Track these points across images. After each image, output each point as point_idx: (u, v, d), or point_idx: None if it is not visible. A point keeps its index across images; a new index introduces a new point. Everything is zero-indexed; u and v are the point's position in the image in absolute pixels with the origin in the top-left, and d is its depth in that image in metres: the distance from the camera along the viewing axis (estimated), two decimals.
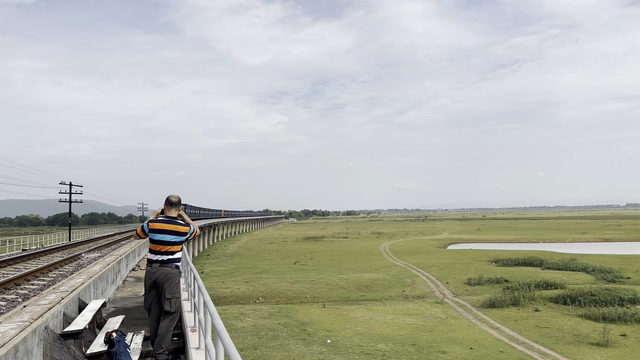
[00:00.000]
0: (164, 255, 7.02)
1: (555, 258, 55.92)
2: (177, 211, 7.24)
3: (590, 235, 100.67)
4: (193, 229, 7.25)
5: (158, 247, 7.02)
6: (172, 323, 6.98)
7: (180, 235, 7.07)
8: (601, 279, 42.29)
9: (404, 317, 29.18)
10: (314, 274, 47.83)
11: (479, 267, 51.03)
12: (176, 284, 7.05)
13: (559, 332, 24.59)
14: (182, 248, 7.30)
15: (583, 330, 24.59)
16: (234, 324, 27.17)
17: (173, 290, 6.97)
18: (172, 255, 7.08)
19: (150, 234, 7.06)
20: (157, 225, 7.07)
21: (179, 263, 7.24)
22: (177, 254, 7.15)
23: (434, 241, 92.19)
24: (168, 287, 6.91)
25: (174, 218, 7.16)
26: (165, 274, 6.93)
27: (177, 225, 7.09)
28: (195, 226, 7.31)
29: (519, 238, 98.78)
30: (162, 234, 6.99)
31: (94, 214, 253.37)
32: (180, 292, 7.16)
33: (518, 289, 35.43)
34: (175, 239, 7.02)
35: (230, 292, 38.54)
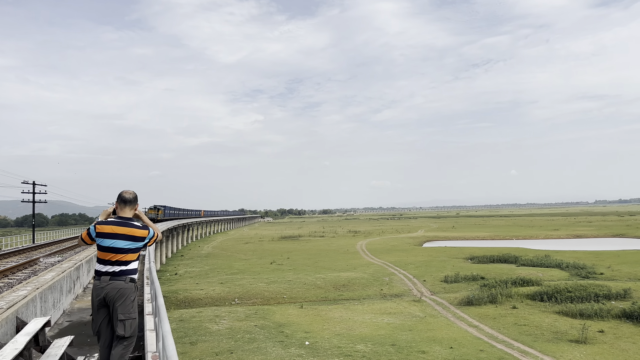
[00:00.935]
0: (115, 265, 5.66)
1: (529, 254, 56.54)
2: (133, 211, 5.93)
3: (562, 231, 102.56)
4: (153, 232, 5.93)
5: (108, 256, 5.65)
6: (126, 350, 5.68)
7: (135, 240, 5.74)
8: (575, 275, 42.80)
9: (382, 317, 28.81)
10: (290, 273, 47.19)
11: (455, 264, 51.18)
12: (131, 301, 5.69)
13: (538, 330, 24.55)
14: (138, 257, 5.95)
15: (561, 327, 24.60)
16: (209, 327, 26.35)
17: (127, 309, 5.62)
18: (126, 266, 5.72)
19: (98, 239, 5.67)
20: (106, 228, 5.69)
21: (135, 275, 5.89)
22: (132, 264, 5.81)
23: (409, 239, 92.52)
24: (121, 306, 5.58)
25: (129, 219, 5.84)
26: (117, 290, 5.59)
27: (132, 229, 5.76)
28: (156, 229, 6.02)
29: (492, 235, 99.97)
30: (113, 239, 5.64)
31: (64, 215, 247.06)
32: (136, 311, 5.82)
33: (495, 286, 35.50)
34: (129, 245, 5.69)
35: (205, 293, 37.61)
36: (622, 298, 30.36)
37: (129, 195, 5.95)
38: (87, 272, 17.87)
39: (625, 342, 22.01)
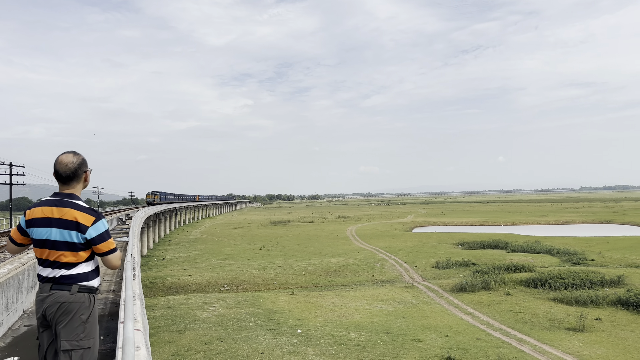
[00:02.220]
0: (55, 268, 3.84)
1: (519, 240, 56.45)
2: (81, 184, 4.00)
3: (550, 217, 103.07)
4: (102, 225, 3.92)
5: (44, 254, 3.84)
6: None
7: (71, 228, 3.77)
8: (566, 261, 42.66)
9: (375, 303, 28.27)
10: (280, 259, 46.53)
11: (445, 250, 50.88)
12: (82, 322, 3.80)
13: (534, 317, 24.14)
14: (91, 257, 4.04)
15: (557, 315, 24.22)
16: (198, 315, 25.60)
17: (75, 333, 3.76)
18: (68, 270, 3.84)
19: (30, 229, 3.88)
20: (36, 211, 3.86)
21: (93, 282, 4.00)
22: (81, 267, 3.91)
23: (399, 224, 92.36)
24: (65, 329, 3.75)
25: (70, 197, 3.90)
26: (58, 305, 3.77)
27: (71, 210, 3.79)
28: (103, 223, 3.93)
29: (481, 221, 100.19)
30: (47, 228, 3.80)
31: None
32: (92, 335, 3.86)
33: (488, 272, 35.12)
34: (66, 237, 3.78)
35: (193, 279, 36.81)
36: (616, 285, 30.11)
37: (67, 163, 3.88)
38: None
39: (623, 330, 21.66)
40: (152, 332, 21.95)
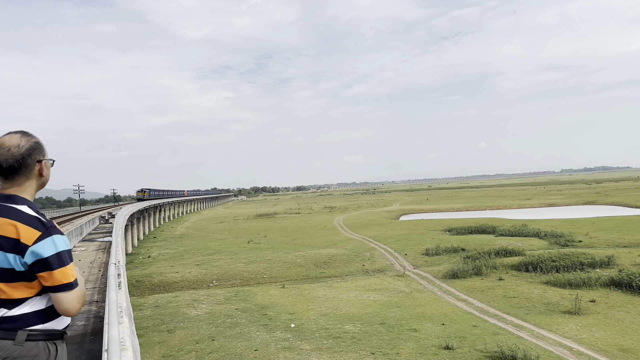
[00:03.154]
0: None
1: (506, 224, 56.59)
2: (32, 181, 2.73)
3: (534, 201, 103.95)
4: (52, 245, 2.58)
5: None
6: None
7: (12, 249, 2.49)
8: (554, 243, 42.79)
9: (367, 293, 27.89)
10: (269, 252, 45.92)
11: (434, 236, 50.78)
12: None
13: (529, 302, 23.97)
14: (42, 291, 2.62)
15: (552, 299, 24.08)
16: (187, 313, 24.93)
17: None
18: (11, 309, 2.52)
19: None
20: None
21: (51, 325, 2.64)
22: (31, 304, 2.58)
23: (386, 213, 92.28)
24: None
25: (10, 200, 2.62)
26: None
27: (8, 221, 2.52)
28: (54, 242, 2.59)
29: (466, 206, 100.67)
30: None
31: None
32: None
33: (478, 257, 34.97)
34: (2, 261, 2.50)
35: (181, 276, 36.03)
36: (607, 265, 30.15)
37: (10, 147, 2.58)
38: None
39: (618, 311, 21.57)
40: (140, 333, 21.24)
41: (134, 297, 29.48)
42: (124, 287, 7.04)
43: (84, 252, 21.08)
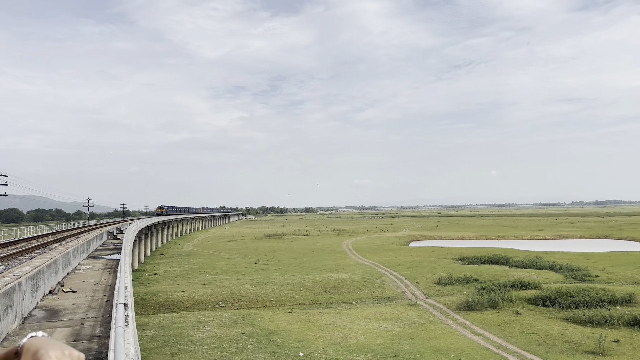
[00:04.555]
0: None
1: (519, 255, 55.41)
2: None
3: (546, 232, 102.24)
4: None
5: None
6: None
7: None
8: (570, 277, 41.57)
9: (379, 323, 26.91)
10: (277, 274, 45.05)
11: (446, 265, 49.68)
12: None
13: (549, 339, 22.89)
14: None
15: (573, 336, 22.99)
16: (192, 335, 24.11)
17: None
18: None
19: None
20: None
21: None
22: None
23: (395, 238, 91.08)
24: None
25: None
26: None
27: None
28: None
29: (477, 235, 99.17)
30: None
31: (41, 210, 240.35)
32: None
33: (494, 289, 33.90)
34: None
35: (186, 296, 35.25)
36: (628, 303, 28.99)
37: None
38: (31, 292, 12.35)
39: None
40: (143, 355, 20.46)
41: (138, 316, 28.71)
42: (132, 324, 6.29)
43: (88, 271, 20.28)
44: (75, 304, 12.89)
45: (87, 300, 13.39)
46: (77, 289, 15.29)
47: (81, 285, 16.06)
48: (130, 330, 5.09)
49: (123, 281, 9.64)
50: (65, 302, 13.35)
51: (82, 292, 14.79)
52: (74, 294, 14.44)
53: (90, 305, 12.74)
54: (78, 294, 14.35)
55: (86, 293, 14.71)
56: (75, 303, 13.07)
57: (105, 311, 11.89)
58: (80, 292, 14.75)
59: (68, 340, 8.98)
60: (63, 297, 14.13)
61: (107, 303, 12.82)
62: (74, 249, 21.95)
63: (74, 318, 11.20)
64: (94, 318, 11.18)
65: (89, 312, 11.76)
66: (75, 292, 14.56)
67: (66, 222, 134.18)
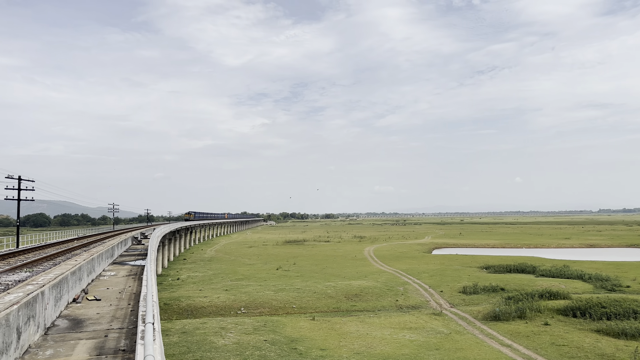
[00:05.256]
0: None
1: (546, 264, 54.13)
2: None
3: (573, 240, 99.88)
4: None
5: None
6: None
7: None
8: (600, 287, 40.35)
9: (403, 332, 26.42)
10: (298, 281, 44.81)
11: (470, 273, 48.77)
12: None
13: (581, 352, 22.11)
14: None
15: (606, 349, 22.16)
16: (215, 341, 24.00)
17: None
18: None
19: None
20: None
21: None
22: None
23: (417, 246, 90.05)
24: None
25: None
26: None
27: None
28: None
29: (502, 243, 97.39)
30: None
31: (67, 215, 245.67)
32: None
33: (521, 299, 33.05)
34: None
35: (209, 301, 35.26)
36: None
37: None
38: (54, 301, 11.99)
39: None
40: None
41: (161, 322, 28.79)
42: (159, 339, 6.01)
43: (113, 278, 20.29)
44: (100, 314, 12.59)
45: (111, 310, 13.13)
46: (102, 296, 15.16)
47: (105, 293, 15.98)
48: (157, 346, 4.81)
49: (150, 293, 9.25)
50: (89, 311, 13.09)
51: (107, 300, 14.65)
52: (98, 302, 14.28)
53: (114, 315, 12.47)
54: (102, 302, 14.19)
55: (110, 301, 14.49)
56: (99, 312, 12.80)
57: (129, 322, 11.53)
58: (104, 300, 14.59)
59: (91, 354, 8.64)
60: (87, 305, 13.97)
61: (132, 313, 12.52)
62: (98, 255, 22.03)
63: (97, 329, 10.88)
64: (118, 329, 10.86)
65: (113, 323, 11.49)
66: (99, 301, 14.42)
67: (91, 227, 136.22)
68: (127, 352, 8.90)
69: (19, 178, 35.70)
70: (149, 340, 4.84)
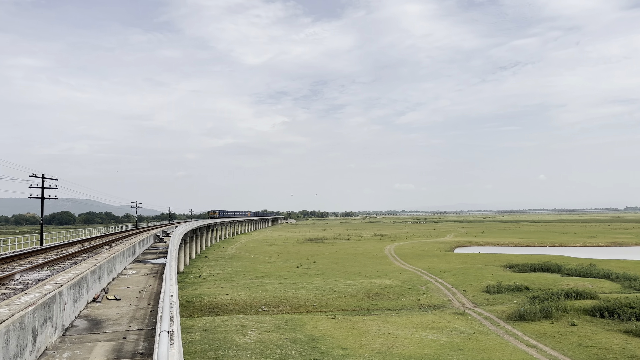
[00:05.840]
0: None
1: (572, 263, 53.03)
2: None
3: (600, 239, 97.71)
4: None
5: None
6: None
7: None
8: (628, 287, 39.27)
9: (425, 332, 26.06)
10: (319, 279, 44.69)
11: (494, 272, 48.02)
12: None
13: (609, 353, 21.49)
14: None
15: (636, 351, 21.50)
16: (236, 339, 24.01)
17: None
18: None
19: None
20: None
21: None
22: None
23: (439, 244, 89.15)
24: None
25: None
26: None
27: None
28: None
29: (526, 241, 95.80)
30: None
31: (91, 213, 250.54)
32: None
33: (546, 299, 32.35)
34: None
35: (230, 299, 35.37)
36: None
37: None
38: (73, 301, 11.80)
39: None
40: (187, 359, 20.47)
41: (183, 319, 28.96)
42: (177, 342, 5.77)
43: (134, 277, 20.30)
44: (119, 314, 12.42)
45: (131, 310, 12.96)
46: (122, 296, 15.07)
47: (126, 292, 15.95)
48: (175, 351, 4.62)
49: (168, 294, 8.97)
50: (108, 311, 12.91)
51: (126, 299, 14.54)
52: (118, 302, 14.17)
53: (134, 315, 12.32)
54: (122, 302, 14.07)
55: (130, 301, 14.34)
56: (118, 313, 12.61)
57: (149, 323, 11.32)
58: (124, 299, 14.47)
59: (109, 357, 8.46)
60: (107, 305, 13.83)
61: (152, 313, 12.33)
62: (119, 254, 22.12)
63: (116, 330, 10.66)
64: (137, 331, 10.63)
65: (133, 324, 11.29)
66: (119, 300, 14.28)
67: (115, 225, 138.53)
68: (145, 355, 8.65)
69: (43, 176, 36.27)
70: (163, 353, 4.49)
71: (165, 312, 6.65)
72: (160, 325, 5.70)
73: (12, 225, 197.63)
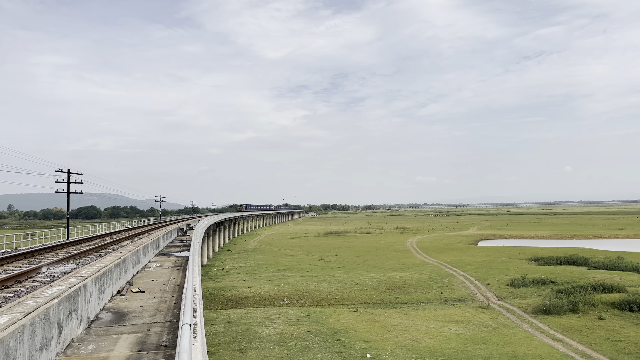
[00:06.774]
0: None
1: (599, 256, 51.94)
2: None
3: (628, 231, 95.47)
4: None
5: None
6: None
7: None
8: None
9: (449, 325, 25.84)
10: (340, 272, 44.69)
11: (518, 265, 47.34)
12: None
13: (639, 347, 20.98)
14: None
15: None
16: (259, 332, 24.19)
17: None
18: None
19: None
20: None
21: None
22: None
23: (462, 237, 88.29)
24: None
25: None
26: None
27: None
28: None
29: (552, 234, 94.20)
30: None
31: (116, 208, 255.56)
32: None
33: (573, 292, 31.75)
34: None
35: (253, 292, 35.64)
36: None
37: None
38: (98, 294, 12.01)
39: None
40: (212, 351, 20.71)
41: (206, 311, 29.29)
42: (201, 334, 5.78)
43: (158, 269, 20.61)
44: (143, 306, 12.58)
45: (155, 302, 13.12)
46: (146, 288, 15.31)
47: (150, 285, 16.18)
48: (198, 344, 4.62)
49: (191, 286, 9.06)
50: (133, 303, 13.11)
51: (151, 292, 14.74)
52: (142, 294, 14.38)
53: (157, 307, 12.43)
54: (146, 295, 14.28)
55: (154, 294, 14.52)
56: (142, 305, 12.79)
57: (172, 315, 11.41)
58: (148, 292, 14.70)
59: (133, 349, 8.54)
60: (131, 297, 14.00)
61: (175, 306, 12.45)
62: (144, 247, 22.43)
63: (140, 322, 10.79)
64: (161, 323, 10.70)
65: (157, 316, 11.39)
66: (143, 293, 14.53)
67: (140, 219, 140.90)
68: (168, 348, 8.68)
69: (68, 171, 37.00)
70: (185, 346, 4.48)
71: (188, 305, 6.71)
72: (183, 317, 5.74)
73: (40, 220, 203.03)
